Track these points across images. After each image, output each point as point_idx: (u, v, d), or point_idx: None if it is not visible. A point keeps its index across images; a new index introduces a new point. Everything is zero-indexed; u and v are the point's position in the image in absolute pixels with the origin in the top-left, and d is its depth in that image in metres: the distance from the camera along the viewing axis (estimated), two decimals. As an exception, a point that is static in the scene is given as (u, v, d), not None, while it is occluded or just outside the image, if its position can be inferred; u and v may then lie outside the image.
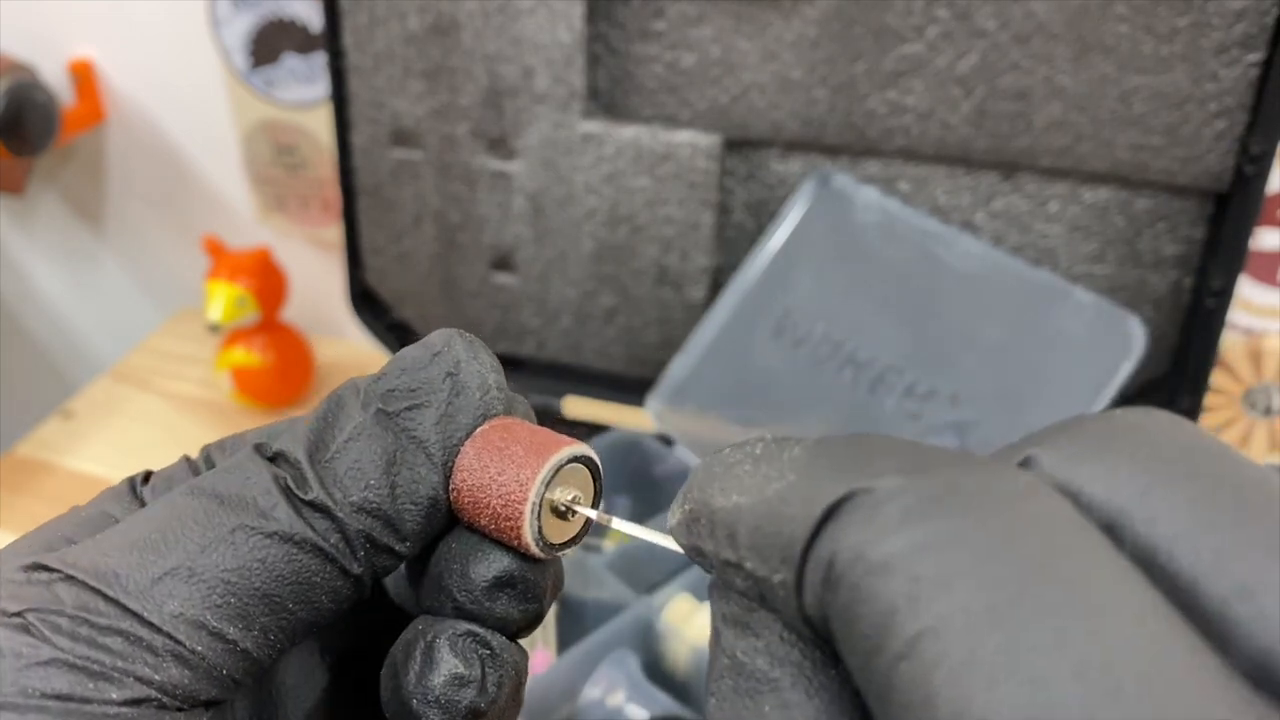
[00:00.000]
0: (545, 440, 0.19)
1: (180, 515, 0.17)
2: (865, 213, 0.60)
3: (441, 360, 0.19)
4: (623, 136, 0.63)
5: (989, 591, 0.11)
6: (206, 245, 0.76)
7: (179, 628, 0.16)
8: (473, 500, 0.18)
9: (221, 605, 0.17)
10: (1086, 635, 0.11)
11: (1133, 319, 0.53)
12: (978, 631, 0.11)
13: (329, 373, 0.86)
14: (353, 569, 0.18)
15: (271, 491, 0.17)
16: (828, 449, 0.14)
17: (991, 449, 0.51)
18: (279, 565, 0.17)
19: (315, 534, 0.17)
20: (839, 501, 0.13)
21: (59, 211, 0.96)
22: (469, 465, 0.18)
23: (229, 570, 0.17)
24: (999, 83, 0.57)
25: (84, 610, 0.16)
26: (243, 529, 0.17)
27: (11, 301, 1.03)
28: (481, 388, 0.19)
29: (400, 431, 0.18)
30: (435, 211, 0.70)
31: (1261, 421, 0.65)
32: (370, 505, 0.18)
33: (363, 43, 0.66)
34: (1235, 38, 0.53)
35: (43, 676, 0.16)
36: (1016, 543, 0.12)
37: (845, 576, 0.12)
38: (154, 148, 0.88)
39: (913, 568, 0.12)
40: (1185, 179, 0.56)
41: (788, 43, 0.60)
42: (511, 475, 0.18)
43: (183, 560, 0.17)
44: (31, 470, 0.76)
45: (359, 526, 0.18)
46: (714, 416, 0.60)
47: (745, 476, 0.15)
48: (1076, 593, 0.11)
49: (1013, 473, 0.13)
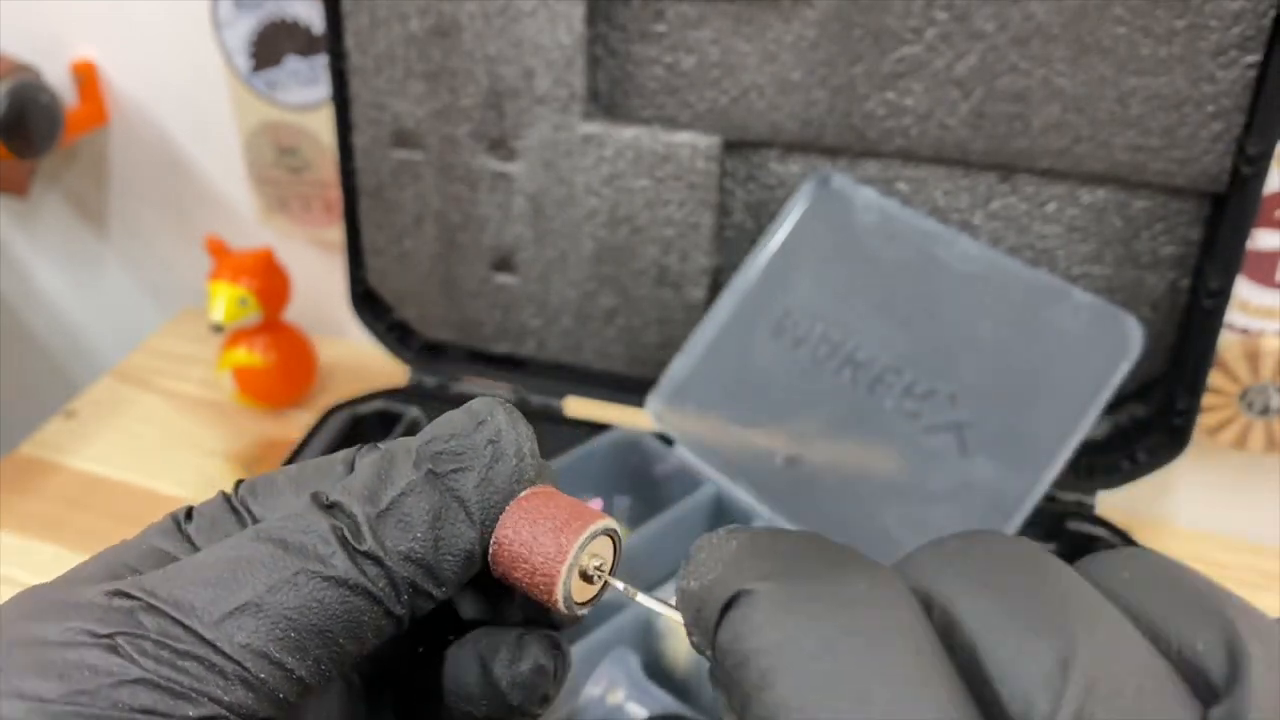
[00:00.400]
0: (581, 512, 0.21)
1: (249, 557, 0.20)
2: (864, 213, 0.61)
3: (485, 429, 0.21)
4: (623, 138, 0.64)
5: (816, 682, 0.15)
6: (209, 246, 0.76)
7: (246, 657, 0.19)
8: (512, 556, 0.21)
9: (283, 639, 0.19)
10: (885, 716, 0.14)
11: (1130, 319, 0.54)
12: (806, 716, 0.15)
13: (331, 373, 0.86)
14: (396, 610, 0.20)
15: (330, 540, 0.20)
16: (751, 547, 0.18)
17: (989, 448, 0.51)
18: (334, 606, 0.19)
19: (367, 579, 0.20)
20: (732, 599, 0.17)
21: (61, 212, 0.97)
22: (514, 525, 0.21)
23: (291, 609, 0.19)
24: (997, 84, 0.57)
25: (165, 636, 0.18)
26: (304, 573, 0.19)
27: (14, 302, 1.03)
28: (518, 455, 0.21)
29: (445, 490, 0.21)
30: (436, 212, 0.70)
31: (1259, 421, 0.65)
32: (415, 555, 0.20)
33: (364, 44, 0.66)
34: (1233, 40, 0.53)
35: (131, 693, 0.18)
36: (844, 640, 0.15)
37: (724, 661, 0.17)
38: (157, 149, 0.88)
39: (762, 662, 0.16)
40: (1183, 180, 0.57)
41: (787, 44, 0.60)
42: (552, 540, 0.21)
43: (251, 598, 0.19)
44: (34, 470, 0.77)
45: (405, 574, 0.20)
46: (713, 416, 0.61)
47: (700, 565, 0.18)
48: (887, 681, 0.15)
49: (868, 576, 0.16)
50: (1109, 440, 0.64)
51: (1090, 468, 0.63)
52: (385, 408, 0.72)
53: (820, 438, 0.58)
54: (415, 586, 0.20)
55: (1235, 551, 0.71)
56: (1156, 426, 0.61)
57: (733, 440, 0.60)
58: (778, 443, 0.59)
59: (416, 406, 0.72)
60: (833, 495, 0.56)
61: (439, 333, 0.75)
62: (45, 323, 1.05)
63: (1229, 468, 0.70)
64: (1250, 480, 0.70)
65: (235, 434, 0.80)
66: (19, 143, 0.78)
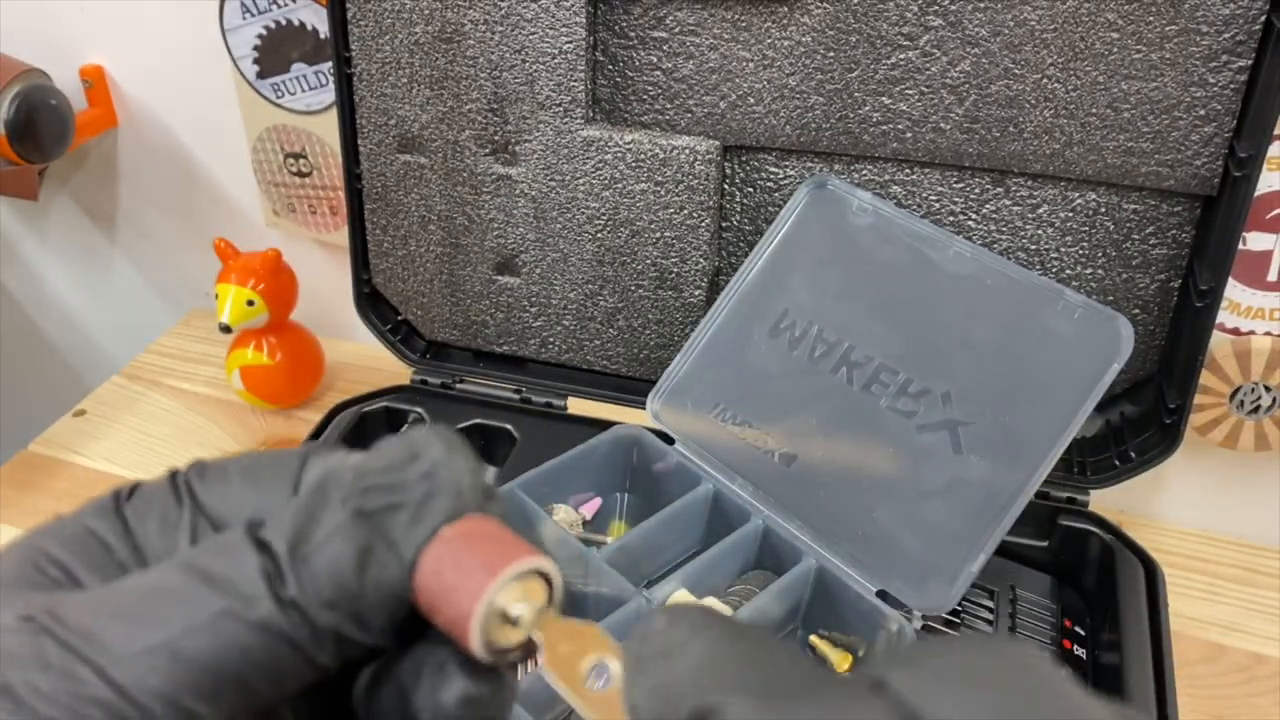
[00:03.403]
0: (501, 551, 0.19)
1: (171, 589, 0.18)
2: (859, 216, 0.62)
3: (420, 463, 0.20)
4: (623, 142, 0.65)
5: None
6: (217, 248, 0.77)
7: (155, 703, 0.17)
8: (429, 603, 0.19)
9: (196, 685, 0.18)
10: None
11: (1122, 320, 0.54)
12: None
13: (337, 373, 0.87)
14: (319, 659, 0.19)
15: (256, 581, 0.18)
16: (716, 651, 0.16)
17: (982, 447, 0.52)
18: (255, 653, 0.18)
19: (289, 627, 0.18)
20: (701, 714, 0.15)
21: (71, 215, 0.98)
22: (429, 569, 0.19)
23: (208, 653, 0.18)
24: (990, 89, 0.58)
25: (71, 677, 0.17)
26: (226, 614, 0.18)
27: (25, 303, 1.05)
28: (455, 491, 0.20)
29: (374, 530, 0.19)
30: (440, 215, 0.71)
31: (1249, 420, 0.66)
32: (340, 604, 0.19)
33: (370, 51, 0.67)
34: (1223, 44, 0.54)
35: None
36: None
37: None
38: (165, 153, 0.89)
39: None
40: (1173, 183, 0.58)
41: (784, 51, 0.61)
42: (464, 585, 0.19)
43: (166, 638, 0.18)
44: (44, 468, 0.78)
45: (328, 623, 0.19)
46: (711, 415, 0.62)
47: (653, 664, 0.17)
48: None
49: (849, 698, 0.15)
50: (1101, 439, 0.64)
51: (1083, 466, 0.64)
52: (390, 406, 0.73)
53: (816, 436, 0.59)
54: (340, 635, 0.19)
55: (1226, 548, 0.72)
56: (1148, 425, 0.62)
57: (730, 438, 0.61)
58: (774, 441, 0.60)
59: (420, 406, 0.73)
60: (828, 493, 0.57)
61: (443, 333, 0.76)
62: (55, 323, 1.06)
63: (1220, 466, 0.70)
64: (1240, 478, 0.71)
65: (243, 433, 0.82)
66: (29, 146, 0.79)
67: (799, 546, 0.56)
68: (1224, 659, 0.64)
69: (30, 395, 1.05)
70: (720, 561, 0.57)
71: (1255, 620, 0.66)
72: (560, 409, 0.72)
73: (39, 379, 1.07)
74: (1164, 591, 0.58)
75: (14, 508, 0.74)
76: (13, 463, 0.78)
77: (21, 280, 1.03)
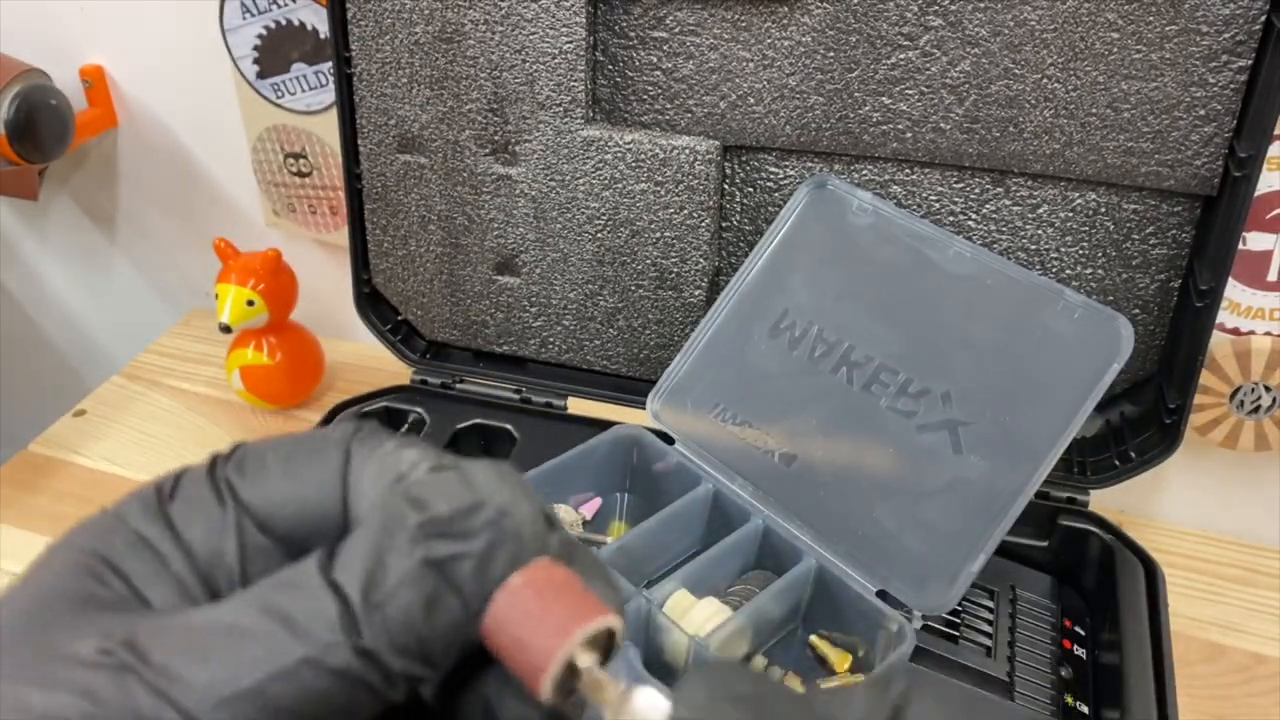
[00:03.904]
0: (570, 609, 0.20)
1: (252, 631, 0.19)
2: (859, 216, 0.62)
3: (485, 510, 0.20)
4: (623, 142, 0.65)
5: None
6: (217, 248, 0.77)
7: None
8: (496, 649, 0.20)
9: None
10: None
11: (1122, 320, 0.54)
12: None
13: (337, 373, 0.87)
14: (391, 697, 0.20)
15: (335, 629, 0.19)
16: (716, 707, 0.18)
17: (982, 447, 0.52)
18: (336, 698, 0.19)
19: (365, 673, 0.19)
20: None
21: (71, 215, 0.98)
22: (498, 619, 0.20)
23: (291, 699, 0.18)
24: (990, 89, 0.58)
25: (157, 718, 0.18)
26: (308, 662, 0.19)
27: (25, 303, 1.05)
28: (516, 538, 0.20)
29: (441, 578, 0.19)
30: (440, 215, 0.71)
31: (1249, 420, 0.66)
32: (410, 650, 0.19)
33: (370, 51, 0.67)
34: (1223, 44, 0.54)
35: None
36: None
37: None
38: (165, 153, 0.89)
39: None
40: (1173, 183, 0.58)
41: (784, 51, 0.61)
42: (533, 642, 0.19)
43: (251, 685, 0.18)
44: (44, 468, 0.78)
45: (400, 667, 0.19)
46: (711, 414, 0.62)
47: None
48: None
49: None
50: (1101, 439, 0.64)
51: (1083, 466, 0.64)
52: (390, 406, 0.73)
53: (816, 436, 0.59)
54: (409, 675, 0.20)
55: (1226, 548, 0.72)
56: (1148, 425, 0.62)
57: (730, 438, 0.61)
58: (774, 441, 0.60)
59: (420, 406, 0.73)
60: (828, 493, 0.57)
61: (443, 333, 0.76)
62: (55, 323, 1.06)
63: (1220, 466, 0.71)
64: (1240, 478, 0.71)
65: (243, 432, 0.82)
66: (29, 146, 0.79)
67: (799, 546, 0.56)
68: (1224, 659, 0.64)
69: (30, 395, 1.05)
70: (720, 561, 0.57)
71: (1255, 620, 0.66)
72: (560, 409, 0.72)
73: (39, 379, 1.07)
74: (1164, 591, 0.58)
75: (14, 508, 0.74)
76: (13, 463, 0.78)
77: (21, 280, 1.04)
